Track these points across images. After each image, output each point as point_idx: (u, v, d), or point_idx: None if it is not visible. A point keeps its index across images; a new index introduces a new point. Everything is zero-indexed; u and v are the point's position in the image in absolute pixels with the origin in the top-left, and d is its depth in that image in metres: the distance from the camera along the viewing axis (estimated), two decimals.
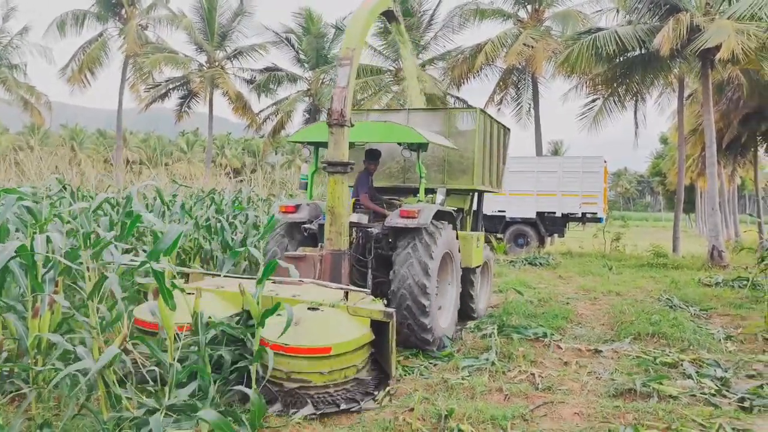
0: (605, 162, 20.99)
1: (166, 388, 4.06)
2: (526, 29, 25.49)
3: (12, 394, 4.00)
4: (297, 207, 7.65)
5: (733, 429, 4.63)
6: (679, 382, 6.14)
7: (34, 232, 4.31)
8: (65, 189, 6.10)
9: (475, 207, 10.24)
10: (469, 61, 25.68)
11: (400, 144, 7.65)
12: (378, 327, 5.44)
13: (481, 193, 9.80)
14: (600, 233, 21.47)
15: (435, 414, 5.01)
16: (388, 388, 5.49)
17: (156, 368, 4.20)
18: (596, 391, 5.95)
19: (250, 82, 30.67)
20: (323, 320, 5.20)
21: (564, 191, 20.57)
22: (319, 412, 4.92)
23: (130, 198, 5.91)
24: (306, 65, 30.50)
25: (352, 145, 7.64)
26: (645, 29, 17.54)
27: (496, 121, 9.72)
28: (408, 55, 10.53)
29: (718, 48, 15.12)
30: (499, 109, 29.28)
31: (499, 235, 21.23)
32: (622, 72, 20.09)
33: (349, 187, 8.00)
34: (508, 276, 14.58)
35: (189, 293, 5.17)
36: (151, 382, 4.33)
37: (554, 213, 20.83)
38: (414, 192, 7.93)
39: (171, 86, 30.26)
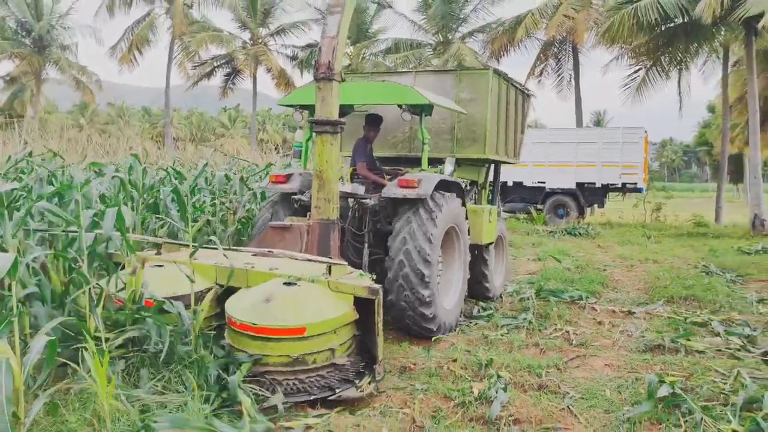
0: (646, 132, 20.99)
1: None
2: None
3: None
4: (288, 177, 6.92)
5: (752, 377, 5.02)
6: (707, 339, 6.54)
7: (125, 202, 4.93)
8: (140, 164, 6.76)
9: (492, 179, 9.33)
10: (509, 33, 25.72)
11: (400, 106, 6.68)
12: (364, 305, 4.79)
13: (498, 164, 9.02)
14: (640, 203, 21.57)
15: (476, 363, 5.54)
16: (374, 374, 4.86)
17: None
18: (627, 347, 6.40)
19: (293, 58, 31.32)
20: (299, 297, 4.63)
21: (604, 162, 20.69)
22: (291, 401, 4.39)
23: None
24: (347, 41, 30.92)
25: (351, 109, 7.30)
26: None
27: (514, 85, 8.77)
28: None
29: (762, 15, 15.01)
30: (539, 81, 29.36)
31: (539, 206, 21.51)
32: (665, 41, 19.99)
33: (347, 156, 7.83)
34: (547, 245, 14.95)
35: (158, 265, 5.12)
36: None
37: (594, 183, 20.98)
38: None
39: (216, 64, 31.09)
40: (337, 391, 4.55)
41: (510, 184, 21.53)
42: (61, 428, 3.57)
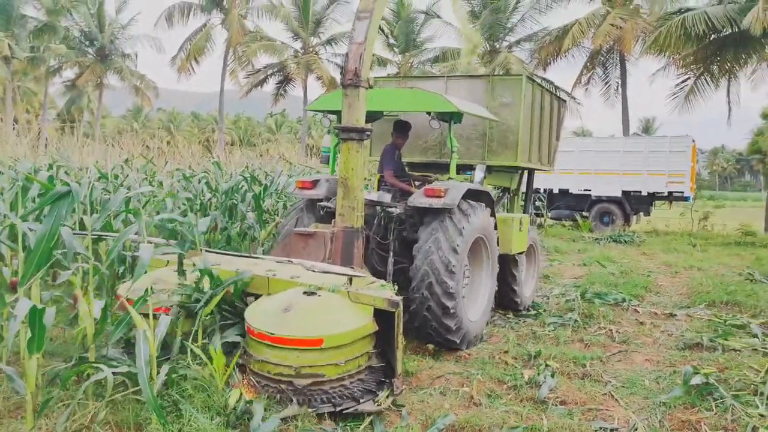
0: (693, 141, 21.05)
1: None
2: (615, 9, 25.58)
3: None
4: (314, 183, 6.87)
5: None
6: (744, 340, 6.94)
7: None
8: (221, 170, 7.54)
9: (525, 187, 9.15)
10: (556, 42, 26.06)
11: (428, 113, 6.62)
12: (385, 317, 4.67)
13: (531, 171, 8.88)
14: (687, 212, 21.62)
15: (525, 354, 6.11)
16: (392, 388, 4.71)
17: None
18: (666, 345, 6.87)
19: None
20: (318, 307, 4.55)
21: (650, 170, 20.82)
22: (306, 411, 4.30)
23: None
24: (396, 49, 31.73)
25: (380, 115, 7.27)
26: (736, 8, 17.58)
27: (549, 91, 8.62)
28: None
29: None
30: (586, 89, 29.58)
31: (584, 213, 21.77)
32: (714, 51, 20.04)
33: (374, 161, 7.83)
34: (592, 251, 15.31)
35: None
36: None
37: (640, 192, 21.13)
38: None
39: (269, 72, 32.22)
40: (352, 404, 4.46)
41: (556, 191, 21.91)
42: (180, 391, 4.27)
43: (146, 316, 4.06)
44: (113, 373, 3.82)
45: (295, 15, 31.52)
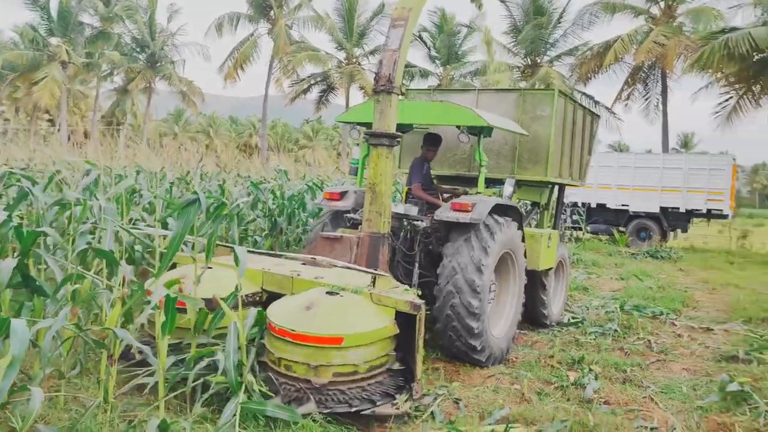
0: (734, 160, 21.12)
1: None
2: (658, 26, 25.76)
3: None
4: (342, 194, 6.91)
5: None
6: None
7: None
8: (287, 179, 8.13)
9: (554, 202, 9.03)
10: (598, 57, 26.34)
11: (458, 127, 6.54)
12: (407, 320, 4.67)
13: (562, 186, 8.80)
14: (725, 229, 21.63)
15: (570, 359, 6.56)
16: (411, 392, 4.69)
17: None
18: (703, 356, 7.24)
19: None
20: (339, 307, 4.59)
21: (689, 188, 20.92)
22: (325, 411, 4.33)
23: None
24: (438, 62, 32.31)
25: (409, 127, 7.37)
26: None
27: (581, 106, 8.59)
28: None
29: None
30: (626, 104, 29.71)
31: (621, 228, 21.96)
32: (757, 71, 20.16)
33: (404, 172, 7.93)
34: (629, 266, 15.55)
35: (208, 267, 4.90)
36: None
37: (678, 208, 21.23)
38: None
39: (312, 81, 33.11)
40: (368, 406, 4.47)
41: (593, 206, 22.15)
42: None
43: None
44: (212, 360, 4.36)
45: (340, 26, 32.44)
